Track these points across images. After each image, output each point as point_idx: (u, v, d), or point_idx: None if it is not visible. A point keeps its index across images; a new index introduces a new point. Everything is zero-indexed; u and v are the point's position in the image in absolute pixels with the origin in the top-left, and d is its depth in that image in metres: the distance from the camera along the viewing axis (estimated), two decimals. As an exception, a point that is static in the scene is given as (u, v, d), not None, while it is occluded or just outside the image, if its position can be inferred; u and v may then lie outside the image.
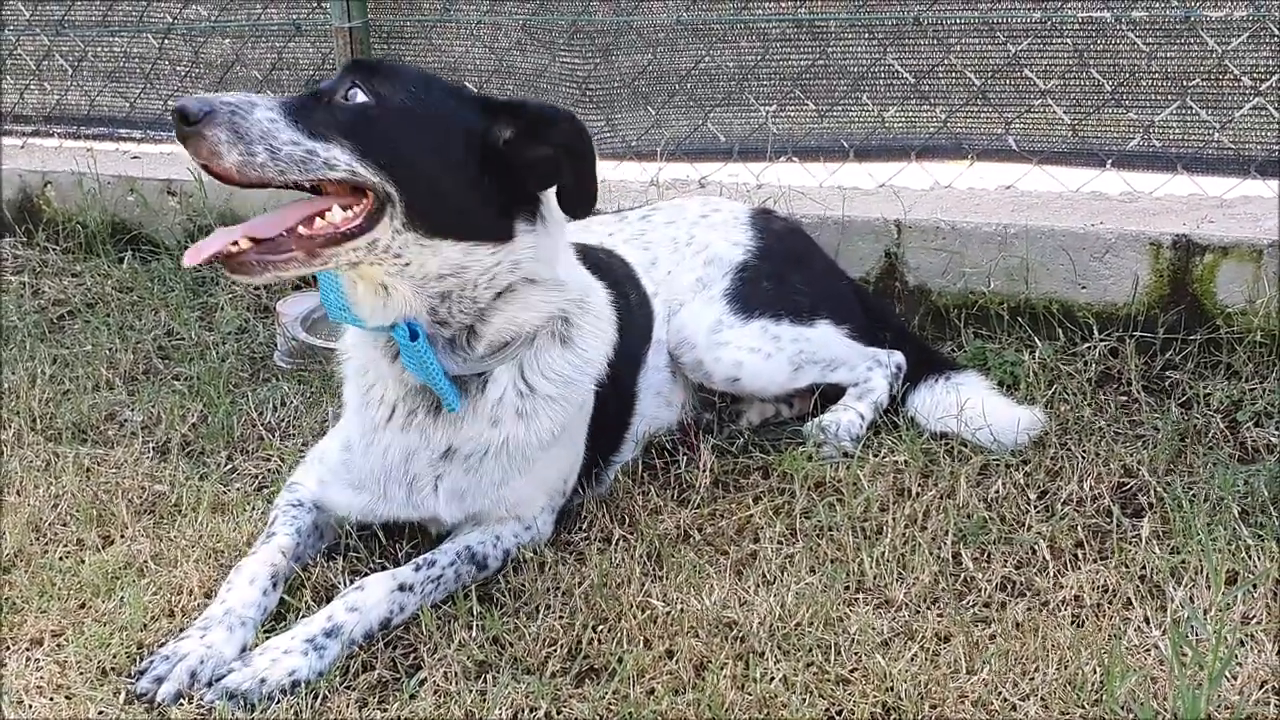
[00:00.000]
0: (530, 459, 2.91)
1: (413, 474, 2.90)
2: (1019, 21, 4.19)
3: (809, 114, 4.56)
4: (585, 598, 2.76)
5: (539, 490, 2.99)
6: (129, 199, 5.21)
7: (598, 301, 3.03)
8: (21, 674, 2.58)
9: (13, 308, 4.71)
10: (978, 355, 3.84)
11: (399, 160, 2.59)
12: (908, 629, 2.65)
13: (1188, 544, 2.85)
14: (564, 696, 2.48)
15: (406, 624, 2.72)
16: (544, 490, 3.00)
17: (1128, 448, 3.32)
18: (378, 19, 4.98)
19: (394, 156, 2.59)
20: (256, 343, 4.32)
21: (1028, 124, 4.29)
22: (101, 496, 3.27)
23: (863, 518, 3.05)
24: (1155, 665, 2.48)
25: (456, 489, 2.90)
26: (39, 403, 3.83)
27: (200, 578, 2.86)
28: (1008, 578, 2.83)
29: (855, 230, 4.13)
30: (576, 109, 4.82)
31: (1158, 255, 3.81)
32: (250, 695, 2.47)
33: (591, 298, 3.00)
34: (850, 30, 4.43)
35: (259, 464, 3.49)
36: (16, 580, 2.91)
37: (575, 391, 2.93)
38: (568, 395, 2.91)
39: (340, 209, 2.60)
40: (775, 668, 2.51)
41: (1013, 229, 3.96)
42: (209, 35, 5.45)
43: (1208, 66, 3.99)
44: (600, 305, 3.03)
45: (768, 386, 3.53)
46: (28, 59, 5.90)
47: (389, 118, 2.62)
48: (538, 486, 2.98)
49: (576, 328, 2.94)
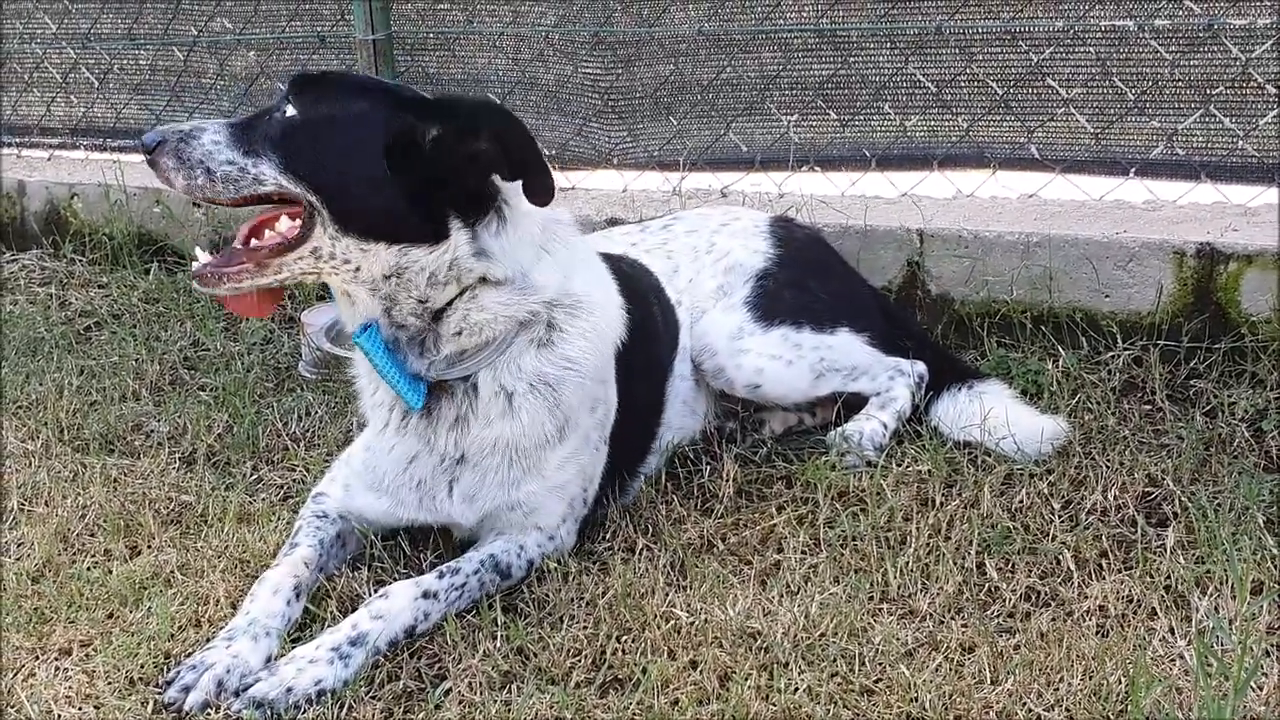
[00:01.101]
0: (534, 460, 2.92)
1: (418, 478, 2.95)
2: (1041, 30, 4.19)
3: (831, 123, 4.56)
4: (609, 608, 2.76)
5: (557, 498, 2.98)
6: (155, 210, 5.25)
7: (594, 304, 3.00)
8: (50, 684, 2.60)
9: (40, 319, 4.74)
10: (1001, 364, 3.83)
11: (317, 169, 2.74)
12: (932, 639, 2.65)
13: (1212, 554, 2.85)
14: (588, 707, 2.48)
15: (431, 634, 2.73)
16: (563, 498, 3.00)
17: (1152, 457, 3.31)
18: (401, 31, 5.00)
19: (312, 166, 2.74)
20: (281, 353, 4.35)
21: (1050, 133, 4.28)
22: (129, 507, 3.29)
23: (886, 527, 3.05)
24: (1180, 676, 2.48)
25: (468, 492, 2.93)
26: (66, 413, 3.85)
27: (226, 588, 2.88)
28: (1032, 588, 2.83)
29: (877, 239, 4.13)
30: (599, 119, 4.84)
31: (1181, 264, 3.80)
32: (277, 704, 2.49)
33: (585, 300, 2.98)
34: (872, 40, 4.43)
35: (284, 474, 3.51)
36: (45, 590, 2.94)
37: (564, 393, 2.93)
38: (553, 397, 2.92)
39: (287, 219, 2.77)
40: (799, 678, 2.51)
41: (1035, 238, 3.96)
42: (234, 48, 5.48)
43: (1231, 74, 3.98)
44: (596, 308, 3.01)
45: (789, 394, 3.53)
46: (55, 72, 5.94)
47: (309, 129, 2.77)
48: (554, 493, 2.97)
49: (559, 331, 2.94)
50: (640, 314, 3.22)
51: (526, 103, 4.95)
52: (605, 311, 3.04)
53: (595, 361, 2.98)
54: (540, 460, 2.94)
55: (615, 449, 3.13)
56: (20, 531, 3.21)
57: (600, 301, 3.03)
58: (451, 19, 5.01)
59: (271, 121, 2.78)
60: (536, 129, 4.86)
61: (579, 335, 2.96)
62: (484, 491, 2.93)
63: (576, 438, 2.99)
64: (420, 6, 5.02)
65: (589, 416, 3.01)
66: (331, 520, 3.00)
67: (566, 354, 2.94)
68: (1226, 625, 2.60)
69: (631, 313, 3.15)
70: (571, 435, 2.97)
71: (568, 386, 2.93)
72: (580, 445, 3.00)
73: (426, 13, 5.02)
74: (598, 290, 3.05)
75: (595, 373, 2.99)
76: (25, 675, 2.63)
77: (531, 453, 2.92)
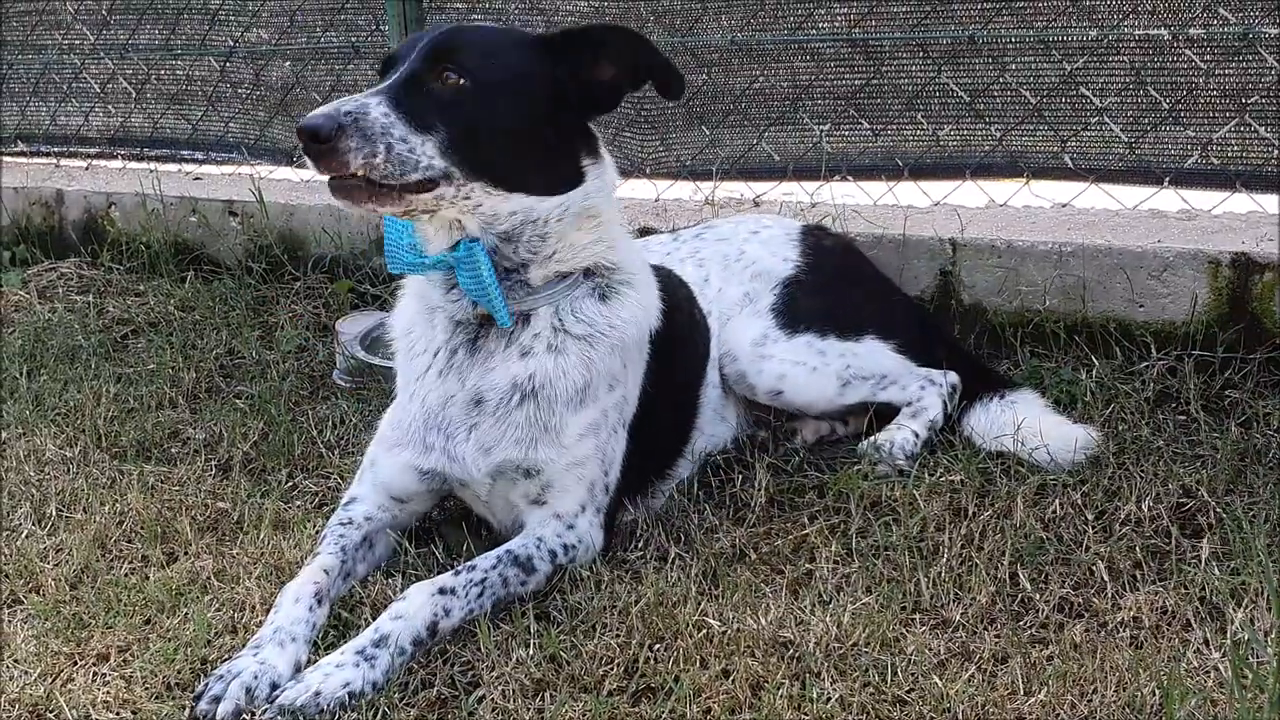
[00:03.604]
0: (557, 416, 2.94)
1: (448, 419, 2.98)
2: (1075, 40, 4.18)
3: (863, 133, 4.57)
4: (641, 616, 2.76)
5: (575, 478, 2.98)
6: (191, 219, 5.30)
7: (642, 284, 3.11)
8: (89, 689, 2.61)
9: (78, 327, 4.79)
10: (1034, 374, 3.82)
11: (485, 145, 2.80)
12: (964, 650, 2.64)
13: (1248, 565, 2.83)
14: (621, 715, 2.48)
15: (464, 639, 2.73)
16: (581, 479, 2.98)
17: (1186, 468, 3.29)
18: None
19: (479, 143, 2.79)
20: (316, 361, 4.37)
21: (1084, 142, 4.27)
22: (165, 514, 3.32)
23: (919, 537, 3.04)
24: (1215, 688, 2.46)
25: (484, 441, 2.95)
26: (104, 420, 3.89)
27: (262, 594, 2.89)
28: (1065, 598, 2.82)
29: (911, 248, 4.13)
30: (632, 128, 4.85)
31: (1216, 274, 3.78)
32: (307, 709, 2.49)
33: (636, 278, 3.09)
34: (904, 49, 4.43)
35: (319, 481, 3.53)
36: (83, 596, 2.96)
37: (603, 343, 2.98)
38: (595, 343, 2.98)
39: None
40: (831, 688, 2.51)
41: (1069, 247, 3.95)
42: (269, 58, 5.52)
43: (1267, 83, 3.96)
44: (643, 287, 3.11)
45: (815, 401, 3.54)
46: (93, 82, 6.00)
47: (481, 97, 2.79)
48: (571, 470, 2.97)
49: (617, 293, 3.04)
50: (675, 317, 3.24)
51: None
52: (649, 294, 3.13)
53: (634, 333, 3.05)
54: (561, 421, 2.95)
55: (645, 447, 3.14)
56: (59, 537, 3.23)
57: (646, 284, 3.14)
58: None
59: (439, 94, 2.77)
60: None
61: (629, 303, 3.05)
62: (500, 444, 2.94)
63: (595, 410, 2.99)
64: (455, 17, 5.05)
65: (607, 394, 3.01)
66: (356, 525, 3.02)
67: (618, 313, 3.02)
68: (1262, 637, 2.58)
69: (666, 314, 3.18)
70: (591, 405, 2.98)
71: (605, 345, 2.99)
72: (599, 420, 3.00)
73: (461, 21, 5.04)
74: (644, 275, 3.15)
75: (628, 344, 3.03)
76: (64, 681, 2.65)
77: (554, 406, 2.94)
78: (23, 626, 2.86)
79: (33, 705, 2.58)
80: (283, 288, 4.95)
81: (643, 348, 3.11)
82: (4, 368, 4.37)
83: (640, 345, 3.09)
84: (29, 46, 6.13)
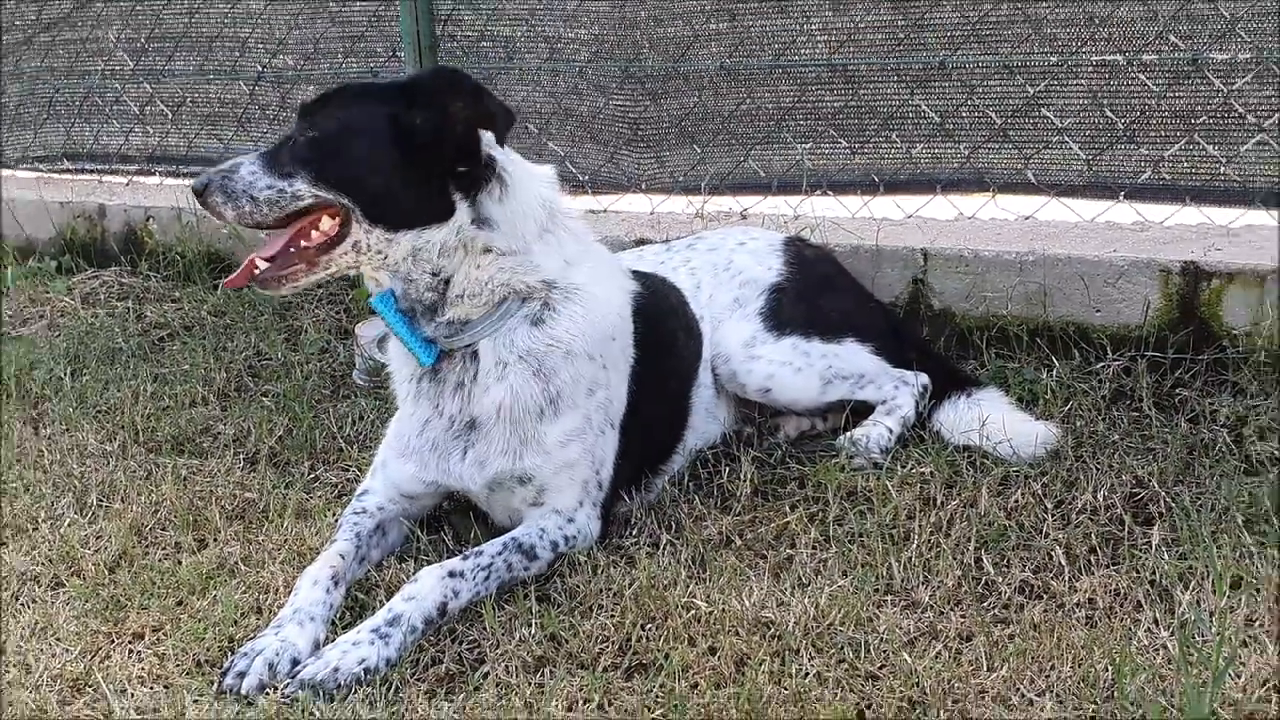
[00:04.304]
0: (530, 431, 2.95)
1: (432, 440, 3.01)
2: (1037, 65, 4.17)
3: (842, 151, 4.56)
4: (634, 598, 2.76)
5: (567, 478, 2.98)
6: (223, 231, 5.28)
7: (590, 296, 3.03)
8: (125, 665, 2.62)
9: (118, 330, 4.79)
10: (998, 374, 3.82)
11: (343, 173, 2.86)
12: (932, 629, 2.64)
13: (1195, 551, 2.83)
14: (615, 690, 2.49)
15: (470, 619, 2.74)
16: (574, 479, 2.99)
17: (1139, 460, 3.29)
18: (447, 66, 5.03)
19: (338, 172, 2.86)
20: (336, 362, 4.37)
21: (1046, 159, 4.26)
22: (197, 503, 3.32)
23: (891, 525, 3.04)
24: (1163, 665, 2.46)
25: (479, 457, 2.97)
26: (141, 417, 3.89)
27: (286, 578, 2.90)
28: (1026, 581, 2.82)
29: (885, 258, 4.13)
30: (629, 147, 4.85)
31: (1167, 281, 3.78)
32: (326, 684, 2.50)
33: (583, 290, 3.02)
34: (880, 74, 4.42)
35: (339, 474, 3.53)
36: (121, 579, 2.97)
37: (551, 369, 2.96)
38: (540, 371, 2.95)
39: (328, 218, 2.89)
40: (809, 664, 2.51)
41: (1031, 257, 3.94)
42: (295, 83, 5.52)
43: (1214, 105, 3.96)
44: (591, 300, 3.03)
45: (799, 398, 3.53)
46: (133, 105, 6.00)
47: (327, 141, 2.88)
48: (563, 472, 2.98)
49: (553, 312, 2.99)
50: (666, 321, 3.24)
51: (562, 132, 4.98)
52: (601, 305, 3.04)
53: (584, 345, 3.00)
54: (537, 433, 2.95)
55: (639, 446, 3.14)
56: (99, 525, 3.24)
57: (599, 296, 3.05)
58: (494, 55, 5.03)
59: (296, 144, 2.89)
60: (571, 156, 4.91)
61: (569, 319, 2.99)
62: (491, 458, 2.96)
63: (575, 417, 2.99)
64: (466, 44, 5.05)
65: (587, 399, 3.00)
66: (369, 514, 3.03)
67: (555, 334, 2.98)
68: (1207, 618, 2.58)
69: (656, 318, 3.18)
70: (568, 413, 2.98)
71: (555, 364, 2.96)
72: (582, 426, 3.00)
73: (470, 50, 5.05)
74: (599, 287, 3.06)
75: (586, 356, 3.00)
76: (102, 657, 2.66)
77: (525, 423, 2.95)
78: (64, 607, 2.87)
79: (73, 680, 2.59)
80: (306, 294, 4.95)
81: (626, 351, 3.11)
82: (50, 368, 4.37)
83: (605, 348, 3.05)
84: (74, 72, 6.13)
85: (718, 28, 4.61)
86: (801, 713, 2.37)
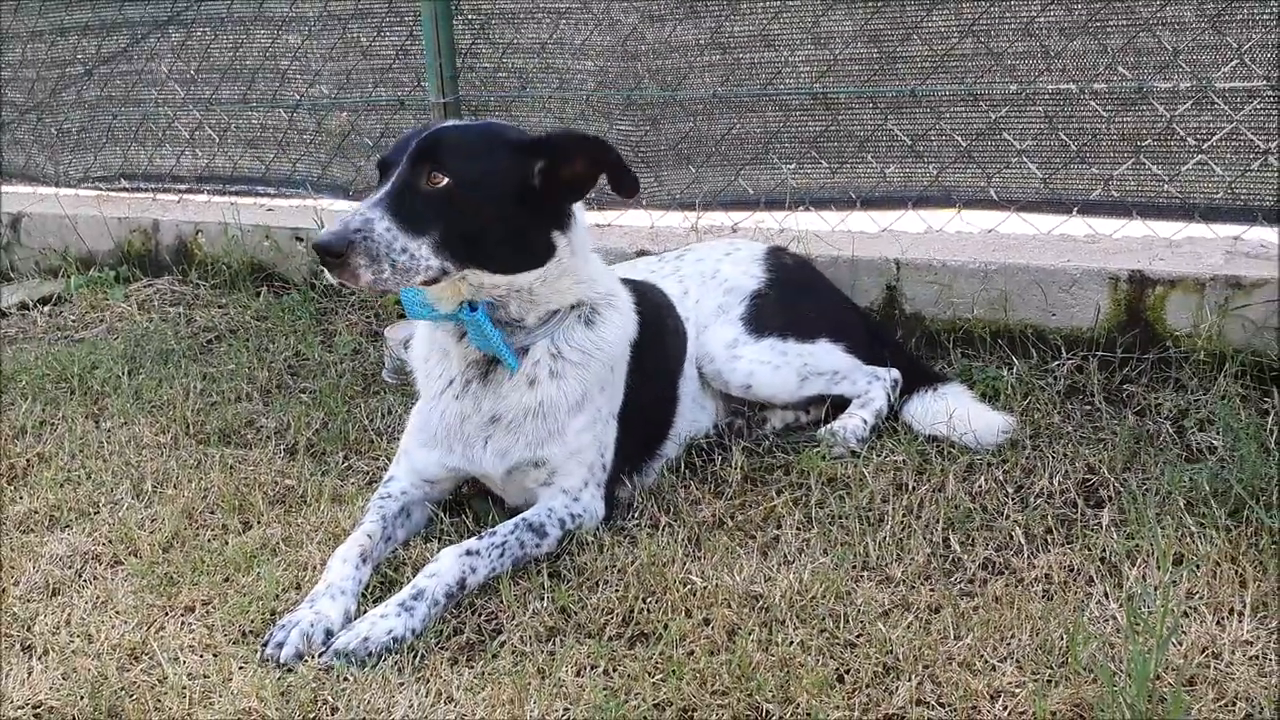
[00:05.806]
0: (559, 424, 2.95)
1: (466, 433, 2.99)
2: (998, 93, 4.17)
3: (823, 170, 4.56)
4: (636, 574, 2.77)
5: (576, 462, 2.98)
6: (265, 244, 5.29)
7: (621, 303, 3.12)
8: (177, 635, 2.63)
9: (170, 334, 4.79)
10: (964, 371, 3.82)
11: (471, 240, 2.76)
12: (905, 602, 2.64)
13: (1141, 531, 2.83)
14: (619, 657, 2.49)
15: (488, 594, 2.74)
16: (582, 463, 2.99)
17: (1090, 449, 3.29)
18: (467, 95, 5.02)
19: (466, 238, 2.75)
20: (368, 362, 4.37)
21: (1006, 178, 4.26)
22: (242, 490, 3.32)
23: (867, 508, 3.05)
24: (1113, 633, 2.46)
25: (500, 448, 2.97)
26: (191, 412, 3.89)
27: (322, 557, 2.90)
28: (989, 559, 2.82)
29: (862, 268, 4.13)
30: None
31: (1116, 288, 3.78)
32: (357, 653, 2.51)
33: (617, 298, 3.11)
34: (857, 101, 4.42)
35: (370, 463, 3.53)
36: (174, 558, 2.97)
37: (594, 362, 2.99)
38: (587, 364, 2.99)
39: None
40: (794, 634, 2.52)
41: (994, 266, 3.94)
42: (329, 110, 5.52)
43: (1158, 129, 3.96)
44: (623, 305, 3.12)
45: (778, 393, 3.53)
46: (183, 130, 6.00)
47: (463, 198, 2.73)
48: (574, 458, 2.98)
49: (600, 316, 3.04)
50: (655, 324, 3.25)
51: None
52: (628, 311, 3.13)
53: (619, 348, 3.06)
54: (563, 425, 2.96)
55: (634, 430, 3.14)
56: (153, 509, 3.24)
57: (626, 302, 3.14)
58: (510, 85, 5.03)
59: (426, 193, 2.72)
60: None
61: (611, 324, 3.06)
62: (514, 449, 2.96)
63: (591, 410, 3.00)
64: (483, 75, 5.05)
65: (599, 394, 3.02)
66: (394, 498, 3.03)
67: (604, 335, 3.02)
68: (1152, 591, 2.58)
69: (646, 322, 3.19)
70: (588, 406, 2.99)
71: (596, 362, 3.00)
72: (594, 417, 3.01)
73: (488, 80, 5.05)
74: (623, 294, 3.15)
75: (614, 357, 3.05)
76: (157, 629, 2.67)
77: (558, 416, 2.95)
78: (123, 584, 2.87)
79: (131, 649, 2.59)
80: (340, 300, 4.95)
81: (626, 353, 3.11)
82: (109, 368, 4.37)
83: (625, 352, 3.10)
84: (130, 101, 6.13)
85: (711, 60, 4.61)
86: (787, 677, 2.37)
